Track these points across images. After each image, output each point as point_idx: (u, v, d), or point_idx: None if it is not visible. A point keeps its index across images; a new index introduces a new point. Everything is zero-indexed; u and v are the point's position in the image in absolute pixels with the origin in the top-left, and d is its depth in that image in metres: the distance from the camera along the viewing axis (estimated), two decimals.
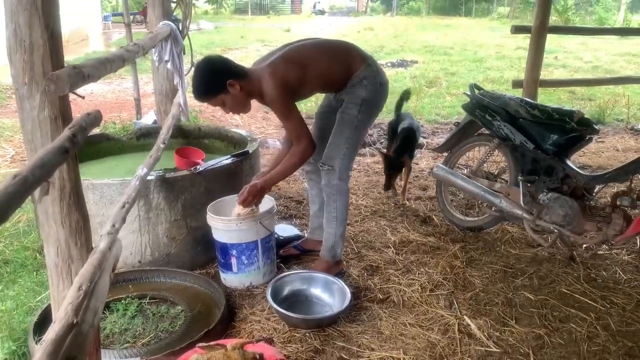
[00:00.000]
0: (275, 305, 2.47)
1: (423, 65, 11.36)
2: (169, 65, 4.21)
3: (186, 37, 4.65)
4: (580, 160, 5.08)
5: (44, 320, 2.29)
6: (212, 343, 1.94)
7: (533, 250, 3.26)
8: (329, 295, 2.68)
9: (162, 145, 3.14)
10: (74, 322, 1.26)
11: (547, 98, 7.93)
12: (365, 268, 3.01)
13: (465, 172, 3.68)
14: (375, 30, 21.04)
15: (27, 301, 2.62)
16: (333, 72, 2.68)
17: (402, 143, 3.94)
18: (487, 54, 13.35)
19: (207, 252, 3.06)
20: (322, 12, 39.59)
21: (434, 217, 3.75)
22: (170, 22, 4.21)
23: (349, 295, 2.56)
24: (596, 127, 3.03)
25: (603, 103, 6.95)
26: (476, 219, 3.58)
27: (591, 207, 2.96)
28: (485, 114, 3.36)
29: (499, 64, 11.51)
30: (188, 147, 3.76)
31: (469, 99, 3.55)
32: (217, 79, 2.54)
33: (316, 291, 2.71)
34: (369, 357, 2.28)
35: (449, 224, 3.65)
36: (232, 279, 2.88)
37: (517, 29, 5.42)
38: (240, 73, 2.58)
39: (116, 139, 4.00)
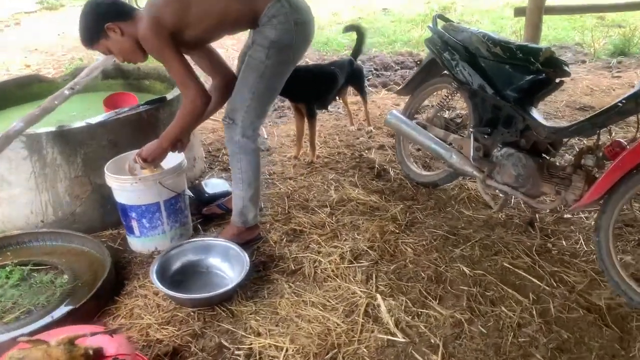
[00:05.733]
0: (157, 283, 2.17)
1: None
2: None
3: None
4: (583, 100, 4.48)
5: None
6: (35, 337, 1.68)
7: (489, 212, 2.84)
8: (229, 265, 2.37)
9: (67, 92, 2.81)
10: None
11: (571, 25, 7.14)
12: (287, 232, 2.67)
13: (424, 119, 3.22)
14: None
15: None
16: (231, 10, 2.24)
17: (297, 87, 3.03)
18: None
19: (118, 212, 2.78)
20: None
21: (390, 170, 3.34)
22: None
23: (246, 268, 2.24)
24: (567, 68, 2.51)
25: (629, 31, 6.14)
26: (431, 173, 3.15)
27: (550, 166, 2.49)
28: (444, 51, 2.86)
29: None
30: (120, 94, 3.40)
31: (431, 33, 3.05)
32: (96, 22, 2.20)
33: (215, 261, 2.41)
34: (251, 344, 1.99)
35: (404, 178, 3.24)
36: (135, 243, 2.61)
37: None
38: (126, 15, 2.21)
39: (50, 80, 3.68)
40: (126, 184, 2.44)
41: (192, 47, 2.36)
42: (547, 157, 2.57)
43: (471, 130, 2.70)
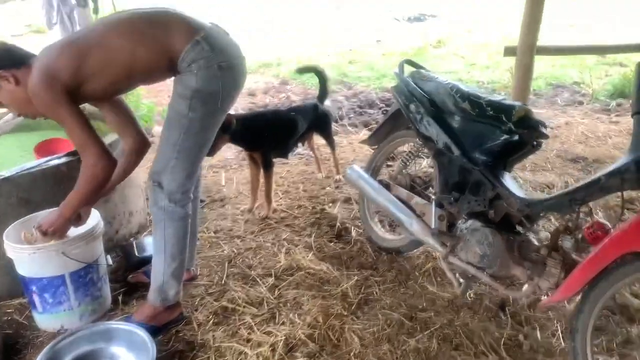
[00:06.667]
0: None
1: (443, 19, 10.16)
2: (57, 28, 3.53)
3: None
4: (576, 149, 4.10)
5: None
6: None
7: (455, 289, 2.45)
8: (135, 356, 1.99)
9: None
10: None
11: (570, 62, 6.80)
12: (216, 311, 2.29)
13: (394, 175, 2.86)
14: None
15: None
16: (139, 58, 1.92)
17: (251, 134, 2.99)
18: None
19: None
20: None
21: (352, 229, 2.97)
22: None
23: None
24: (544, 130, 2.15)
25: (630, 72, 5.78)
26: (395, 238, 2.77)
27: (522, 245, 2.12)
28: (410, 102, 2.52)
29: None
30: (54, 140, 3.05)
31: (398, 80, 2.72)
32: None
33: (119, 351, 2.01)
34: None
35: (365, 241, 2.87)
36: (39, 320, 2.26)
37: None
38: (19, 62, 1.92)
39: None
40: (23, 254, 2.09)
41: (97, 99, 2.05)
42: (522, 231, 2.21)
43: (432, 196, 2.34)
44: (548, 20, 6.99)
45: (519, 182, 3.48)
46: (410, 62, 2.78)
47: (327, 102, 5.15)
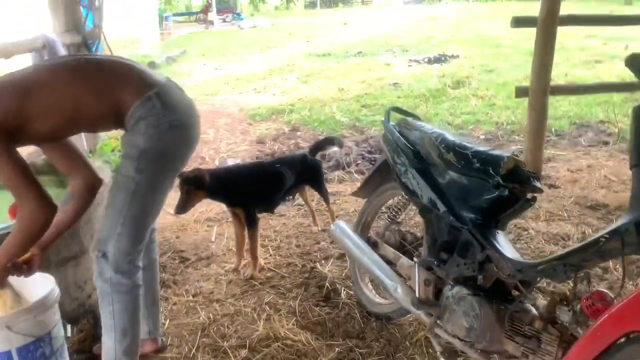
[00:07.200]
0: None
1: (464, 60, 9.98)
2: None
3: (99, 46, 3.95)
4: (597, 195, 3.77)
5: None
6: None
7: None
8: None
9: None
10: None
11: (595, 100, 6.46)
12: None
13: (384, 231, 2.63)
14: (439, 19, 19.43)
15: None
16: (84, 106, 1.79)
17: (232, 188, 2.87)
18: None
19: None
20: None
21: (342, 291, 2.73)
22: (47, 34, 3.51)
23: None
24: (536, 184, 1.91)
25: None
26: (385, 302, 2.52)
27: (514, 317, 1.85)
28: (394, 153, 2.34)
29: (560, 58, 9.77)
30: None
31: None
32: None
33: None
34: None
35: (355, 304, 2.63)
36: None
37: (519, 22, 4.14)
38: None
39: None
40: None
41: (38, 142, 1.91)
42: (515, 299, 1.94)
43: (415, 259, 2.11)
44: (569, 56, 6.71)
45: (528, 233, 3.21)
46: (398, 110, 2.61)
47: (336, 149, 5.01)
